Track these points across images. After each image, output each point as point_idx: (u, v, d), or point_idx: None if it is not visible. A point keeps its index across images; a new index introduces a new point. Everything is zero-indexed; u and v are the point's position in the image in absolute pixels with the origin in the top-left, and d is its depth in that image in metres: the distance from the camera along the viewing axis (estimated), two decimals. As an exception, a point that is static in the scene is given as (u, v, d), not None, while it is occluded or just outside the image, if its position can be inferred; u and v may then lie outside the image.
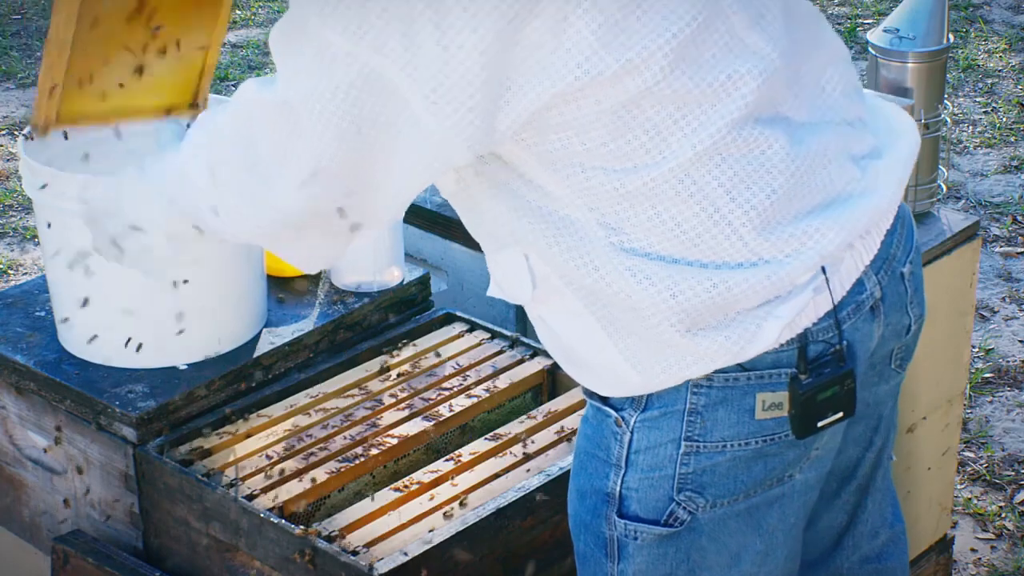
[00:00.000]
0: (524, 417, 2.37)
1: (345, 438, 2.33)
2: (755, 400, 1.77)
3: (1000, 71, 5.76)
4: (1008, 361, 3.94)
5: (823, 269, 1.75)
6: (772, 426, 1.78)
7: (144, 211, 2.00)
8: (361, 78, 1.64)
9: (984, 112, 5.40)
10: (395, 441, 2.32)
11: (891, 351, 1.92)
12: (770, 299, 1.74)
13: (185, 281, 2.33)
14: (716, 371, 1.75)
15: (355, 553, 2.09)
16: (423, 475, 2.24)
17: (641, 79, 1.64)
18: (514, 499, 2.19)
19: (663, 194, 1.69)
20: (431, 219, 2.86)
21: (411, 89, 1.63)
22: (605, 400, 1.83)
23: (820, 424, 1.79)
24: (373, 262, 2.59)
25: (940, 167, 2.86)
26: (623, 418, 1.81)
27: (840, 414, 1.79)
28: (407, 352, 2.53)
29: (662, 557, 1.84)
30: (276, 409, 2.39)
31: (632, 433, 1.80)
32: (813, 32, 1.82)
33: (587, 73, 1.63)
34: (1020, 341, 4.03)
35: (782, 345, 1.75)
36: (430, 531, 2.13)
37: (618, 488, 1.83)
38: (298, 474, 2.25)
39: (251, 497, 2.20)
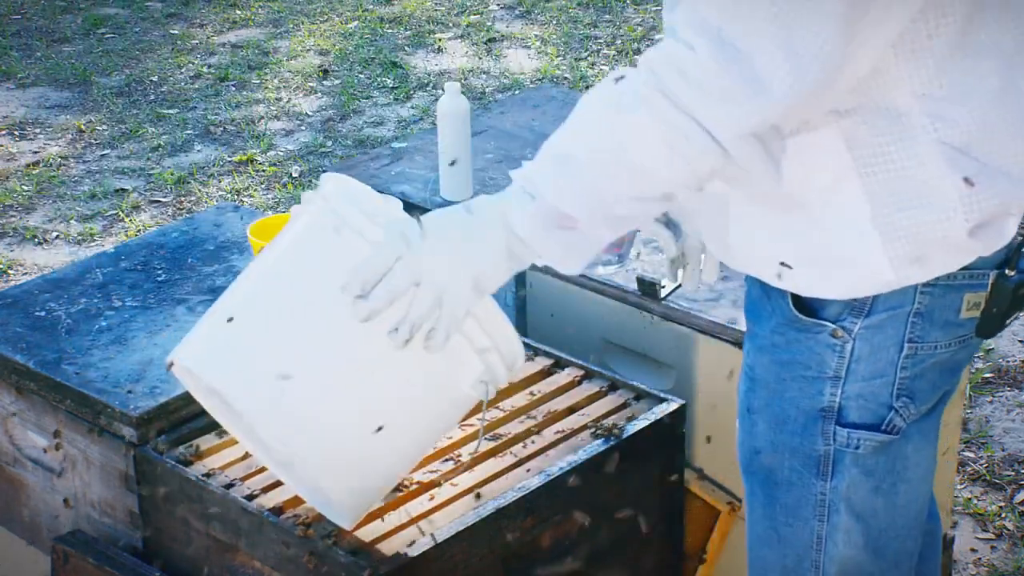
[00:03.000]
0: (524, 417, 2.37)
1: (345, 438, 2.32)
2: (962, 300, 1.83)
3: (1000, 71, 5.77)
4: (1008, 361, 3.94)
5: None
6: (968, 327, 1.85)
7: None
8: None
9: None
10: (395, 441, 2.32)
11: None
12: None
13: None
14: None
15: (355, 553, 2.09)
16: (423, 475, 2.24)
17: None
18: (514, 499, 2.19)
19: (993, 88, 1.73)
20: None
21: None
22: (817, 314, 1.84)
23: (1007, 321, 1.86)
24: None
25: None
26: (843, 328, 1.83)
27: (1021, 311, 1.87)
28: (407, 352, 2.53)
29: (872, 470, 1.88)
30: (276, 409, 2.39)
31: (855, 341, 1.83)
32: None
33: None
34: (1020, 341, 4.03)
35: None
36: (430, 531, 2.13)
37: (837, 400, 1.86)
38: (298, 474, 2.25)
39: (251, 497, 2.20)
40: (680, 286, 2.33)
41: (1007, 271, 1.83)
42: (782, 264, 1.83)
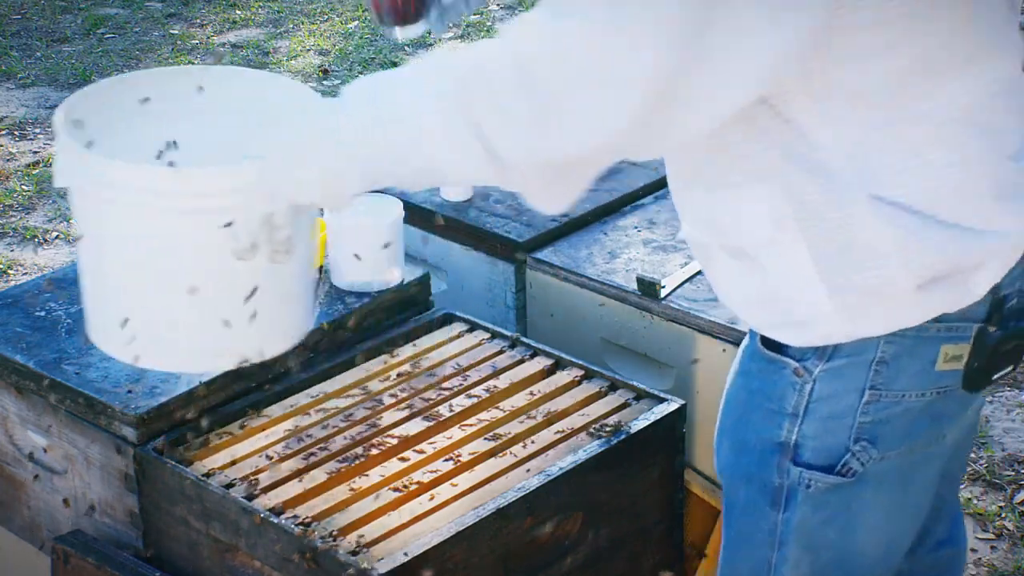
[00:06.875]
0: (524, 417, 2.37)
1: (345, 438, 2.33)
2: (939, 352, 1.80)
3: (1000, 71, 5.76)
4: (1008, 361, 3.94)
5: None
6: (948, 379, 1.82)
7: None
8: None
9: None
10: (395, 441, 2.32)
11: None
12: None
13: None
14: None
15: (355, 553, 2.09)
16: (423, 475, 2.25)
17: (925, 29, 1.67)
18: (514, 499, 2.19)
19: (929, 149, 1.71)
20: (431, 219, 2.86)
21: None
22: (781, 351, 1.84)
23: (994, 377, 1.83)
24: (373, 262, 2.59)
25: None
26: (805, 367, 1.83)
27: (1011, 367, 1.84)
28: (407, 352, 2.53)
29: (825, 504, 1.87)
30: (276, 409, 2.39)
31: (814, 383, 1.82)
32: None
33: (881, 10, 1.64)
34: (1020, 341, 4.03)
35: None
36: (430, 531, 2.13)
37: (794, 437, 1.85)
38: (298, 474, 2.25)
39: (251, 497, 2.20)
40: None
41: (989, 327, 1.80)
42: (746, 307, 1.87)
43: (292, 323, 2.15)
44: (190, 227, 1.98)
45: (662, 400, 2.40)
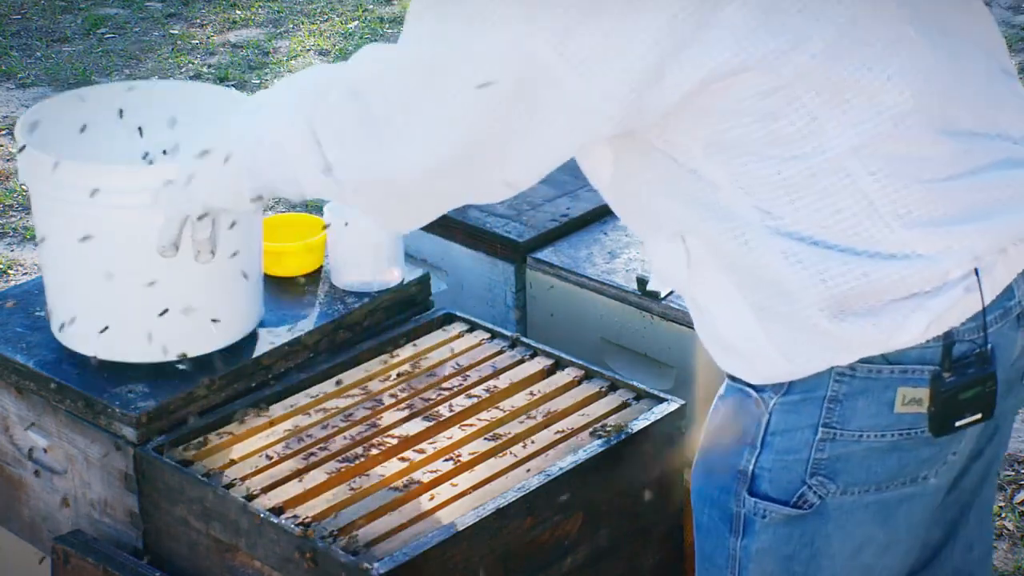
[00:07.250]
0: (524, 417, 2.37)
1: (345, 438, 2.33)
2: (896, 394, 1.79)
3: (1000, 71, 5.76)
4: (1008, 361, 3.93)
5: (976, 271, 1.77)
6: (910, 421, 1.81)
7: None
8: (517, 50, 1.68)
9: (984, 112, 5.38)
10: (395, 441, 2.32)
11: None
12: (919, 292, 1.76)
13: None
14: (861, 361, 1.78)
15: (355, 553, 2.09)
16: (423, 475, 2.25)
17: (797, 63, 1.68)
18: (514, 499, 2.19)
19: (821, 183, 1.72)
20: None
21: (563, 61, 1.68)
22: (741, 380, 1.86)
23: (958, 424, 1.81)
24: (373, 262, 2.60)
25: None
26: (763, 399, 1.84)
27: (979, 415, 1.82)
28: (407, 352, 2.53)
29: (787, 538, 1.87)
30: (276, 409, 2.40)
31: (771, 415, 1.84)
32: (979, 29, 1.85)
33: (741, 54, 1.66)
34: (1020, 341, 4.03)
35: (928, 341, 1.77)
36: (430, 531, 2.13)
37: (751, 467, 1.86)
38: (298, 474, 2.25)
39: (251, 497, 2.20)
40: None
41: (945, 373, 1.78)
42: (706, 343, 1.91)
43: (229, 321, 2.36)
44: (112, 222, 2.21)
45: (662, 400, 2.40)
